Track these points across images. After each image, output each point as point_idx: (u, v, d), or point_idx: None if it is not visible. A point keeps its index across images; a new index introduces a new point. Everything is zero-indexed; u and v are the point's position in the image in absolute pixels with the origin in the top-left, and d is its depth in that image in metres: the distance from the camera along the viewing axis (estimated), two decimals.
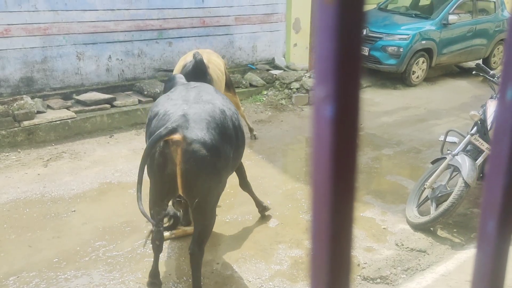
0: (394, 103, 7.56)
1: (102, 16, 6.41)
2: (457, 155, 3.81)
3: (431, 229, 3.85)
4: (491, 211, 0.54)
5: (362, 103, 0.46)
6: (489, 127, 3.79)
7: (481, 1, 9.41)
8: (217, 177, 2.79)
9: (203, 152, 2.64)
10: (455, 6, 8.83)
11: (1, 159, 4.94)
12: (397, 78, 8.56)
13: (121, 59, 6.75)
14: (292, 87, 7.37)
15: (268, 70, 8.03)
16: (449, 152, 3.93)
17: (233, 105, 3.26)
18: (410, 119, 6.80)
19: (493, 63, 10.00)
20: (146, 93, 6.44)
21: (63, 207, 4.05)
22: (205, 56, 3.99)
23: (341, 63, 0.43)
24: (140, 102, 6.34)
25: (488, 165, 0.54)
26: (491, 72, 4.28)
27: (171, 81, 3.55)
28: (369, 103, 7.33)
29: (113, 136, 5.73)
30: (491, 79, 4.19)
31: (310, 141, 0.47)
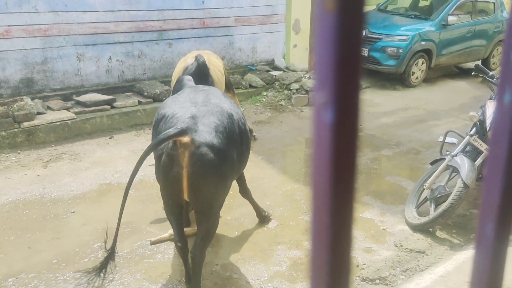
0: (393, 104, 7.57)
1: (102, 17, 6.42)
2: (456, 156, 3.82)
3: (430, 230, 3.86)
4: (490, 213, 0.54)
5: (362, 107, 0.46)
6: (488, 128, 3.79)
7: (480, 2, 9.42)
8: (223, 181, 2.78)
9: (211, 156, 2.63)
10: (454, 7, 8.84)
11: (0, 160, 4.95)
12: (397, 79, 8.57)
13: (121, 60, 6.76)
14: (291, 88, 7.37)
15: (267, 71, 8.04)
16: (448, 153, 3.93)
17: (240, 109, 3.26)
18: (409, 120, 6.81)
19: (492, 64, 10.00)
20: (146, 94, 6.45)
21: (63, 208, 4.05)
22: (205, 57, 4.00)
23: (341, 70, 0.44)
24: (140, 103, 6.35)
25: (486, 167, 0.55)
26: (490, 73, 4.28)
27: (180, 83, 3.55)
28: (368, 104, 7.34)
29: (113, 137, 5.73)
30: (490, 80, 4.20)
31: (310, 144, 0.48)
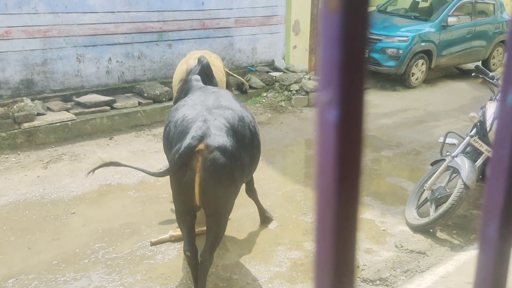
0: (393, 105, 7.57)
1: (102, 18, 6.42)
2: (456, 156, 3.82)
3: (431, 230, 3.85)
4: (493, 214, 0.54)
5: (366, 107, 0.46)
6: (488, 129, 3.79)
7: (480, 3, 9.43)
8: (234, 185, 2.78)
9: (223, 160, 2.63)
10: (454, 8, 8.85)
11: (0, 161, 4.95)
12: (397, 80, 8.57)
13: (121, 61, 6.76)
14: (291, 89, 7.37)
15: (267, 72, 8.04)
16: (448, 153, 3.93)
17: (249, 112, 3.25)
18: (409, 121, 6.81)
19: (493, 65, 10.01)
20: (146, 95, 6.45)
21: (63, 209, 4.05)
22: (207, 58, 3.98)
23: (345, 69, 0.44)
24: (140, 104, 6.35)
25: (489, 169, 0.55)
26: (491, 74, 4.28)
27: (187, 83, 3.54)
28: (368, 105, 7.34)
29: (113, 138, 5.73)
30: (491, 80, 4.20)
31: (313, 145, 0.47)
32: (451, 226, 3.97)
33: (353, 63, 0.43)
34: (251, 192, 3.79)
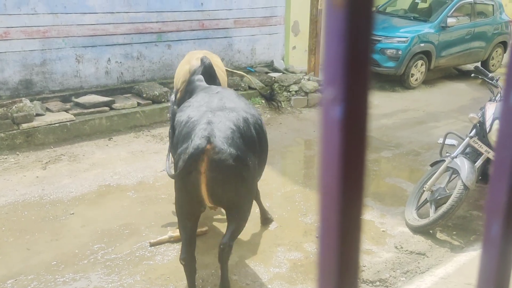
0: (393, 105, 7.57)
1: (101, 19, 6.41)
2: (456, 157, 3.82)
3: (431, 231, 3.85)
4: (496, 214, 0.54)
5: (370, 104, 0.46)
6: (488, 130, 3.79)
7: (479, 4, 9.44)
8: (244, 185, 2.78)
9: (230, 161, 2.63)
10: (453, 9, 8.87)
11: None
12: (396, 80, 8.58)
13: (120, 62, 6.75)
14: (291, 90, 7.37)
15: (267, 72, 8.04)
16: (448, 154, 3.93)
17: (255, 110, 3.24)
18: (409, 122, 6.81)
19: (492, 66, 10.02)
20: (145, 95, 6.44)
21: (62, 210, 4.04)
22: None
23: (349, 66, 0.43)
24: (139, 104, 6.34)
25: (492, 168, 0.54)
26: (490, 74, 4.28)
27: (191, 84, 3.53)
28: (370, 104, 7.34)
29: (112, 138, 5.72)
30: (490, 81, 4.20)
31: (316, 144, 0.47)
32: (451, 227, 3.97)
33: (358, 59, 0.43)
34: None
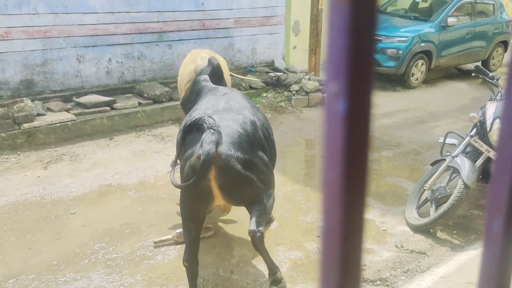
0: (393, 105, 7.57)
1: (102, 19, 6.42)
2: (456, 156, 3.82)
3: (431, 230, 3.85)
4: (498, 211, 0.54)
5: (374, 99, 0.46)
6: (488, 129, 3.79)
7: (480, 4, 9.44)
8: (257, 186, 2.75)
9: (238, 167, 2.61)
10: (454, 8, 8.86)
11: (1, 162, 4.94)
12: (396, 80, 8.58)
13: (121, 62, 6.76)
14: (291, 90, 7.38)
15: (267, 72, 8.04)
16: (448, 153, 3.93)
17: (262, 113, 3.22)
18: (409, 121, 6.81)
19: (492, 65, 10.01)
20: (146, 95, 6.45)
21: (63, 210, 4.05)
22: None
23: (353, 60, 0.43)
24: (140, 104, 6.35)
25: (494, 166, 0.54)
26: (490, 74, 4.28)
27: (197, 85, 3.51)
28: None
29: (113, 138, 5.73)
30: (490, 81, 4.20)
31: (321, 138, 0.47)
32: (451, 226, 3.97)
33: (362, 54, 0.43)
34: None
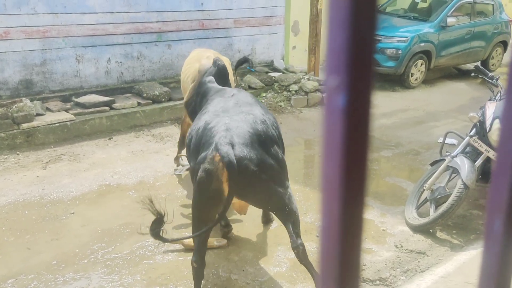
0: (392, 105, 7.57)
1: (101, 19, 6.41)
2: (456, 156, 3.82)
3: (431, 230, 3.85)
4: (498, 209, 0.54)
5: (374, 96, 0.45)
6: (488, 129, 3.79)
7: (479, 4, 9.44)
8: (269, 186, 2.73)
9: (251, 168, 2.60)
10: (453, 8, 8.87)
11: (0, 162, 4.94)
12: (396, 80, 8.58)
13: (120, 62, 6.76)
14: (291, 90, 7.37)
15: (267, 72, 8.04)
16: (448, 153, 3.93)
17: (270, 112, 3.20)
18: (409, 121, 6.81)
19: (492, 65, 10.02)
20: (145, 95, 6.44)
21: (62, 210, 4.04)
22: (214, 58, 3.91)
23: (353, 53, 0.43)
24: (139, 104, 6.34)
25: (494, 166, 0.54)
26: (490, 74, 4.28)
27: (203, 86, 3.49)
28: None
29: (112, 138, 5.73)
30: (490, 81, 4.20)
31: (321, 135, 0.46)
32: (451, 226, 3.97)
33: (362, 47, 0.43)
34: None
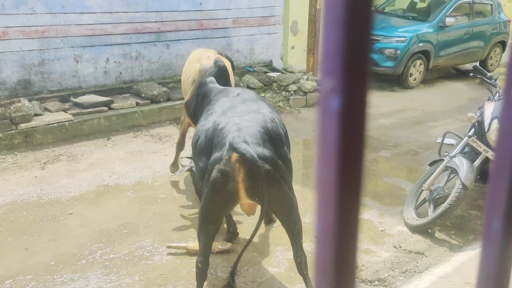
0: (391, 105, 7.57)
1: (100, 19, 6.40)
2: (454, 157, 3.82)
3: (429, 231, 3.85)
4: (496, 210, 0.53)
5: (370, 95, 0.45)
6: (486, 129, 3.79)
7: (478, 4, 9.45)
8: (282, 186, 2.73)
9: (267, 167, 2.59)
10: (452, 8, 8.87)
11: None
12: (395, 80, 8.58)
13: (119, 62, 6.75)
14: (289, 90, 7.37)
15: (265, 72, 8.03)
16: (446, 154, 3.93)
17: (276, 110, 3.18)
18: (407, 121, 6.81)
19: (490, 65, 10.03)
20: (143, 95, 6.43)
21: (60, 210, 4.03)
22: (214, 57, 3.90)
23: (349, 55, 0.42)
24: (137, 104, 6.33)
25: (493, 166, 0.54)
26: (488, 74, 4.28)
27: (204, 87, 3.47)
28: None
29: (111, 138, 5.72)
30: (489, 81, 4.20)
31: (313, 143, 0.45)
32: (449, 226, 3.97)
33: (357, 49, 0.42)
34: None
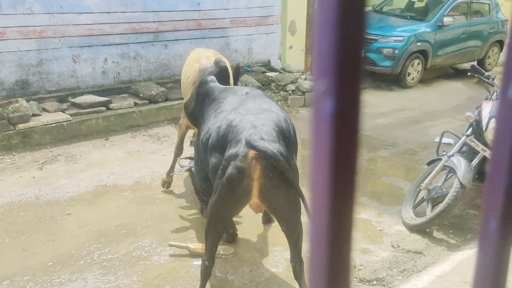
0: (389, 104, 7.58)
1: (97, 19, 6.39)
2: (452, 156, 3.82)
3: (427, 230, 3.86)
4: (493, 211, 0.53)
5: (362, 97, 0.45)
6: (484, 128, 3.80)
7: (475, 3, 9.46)
8: (293, 187, 2.72)
9: (281, 165, 2.57)
10: (450, 8, 8.88)
11: None
12: (393, 79, 8.59)
13: (117, 62, 6.74)
14: (288, 89, 7.37)
15: (263, 72, 8.03)
16: (444, 153, 3.93)
17: (284, 109, 3.17)
18: (405, 121, 6.82)
19: (488, 65, 10.04)
20: (141, 95, 6.43)
21: (58, 210, 4.03)
22: (214, 57, 3.89)
23: (341, 57, 0.42)
24: (135, 104, 6.32)
25: (489, 166, 0.54)
26: (486, 73, 4.29)
27: (204, 86, 3.43)
28: (364, 105, 7.34)
29: (109, 138, 5.71)
30: (486, 80, 4.21)
31: (309, 139, 0.46)
32: (447, 225, 3.98)
33: (350, 50, 0.42)
34: None
